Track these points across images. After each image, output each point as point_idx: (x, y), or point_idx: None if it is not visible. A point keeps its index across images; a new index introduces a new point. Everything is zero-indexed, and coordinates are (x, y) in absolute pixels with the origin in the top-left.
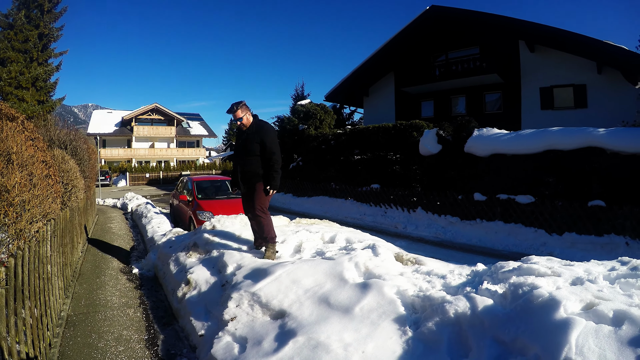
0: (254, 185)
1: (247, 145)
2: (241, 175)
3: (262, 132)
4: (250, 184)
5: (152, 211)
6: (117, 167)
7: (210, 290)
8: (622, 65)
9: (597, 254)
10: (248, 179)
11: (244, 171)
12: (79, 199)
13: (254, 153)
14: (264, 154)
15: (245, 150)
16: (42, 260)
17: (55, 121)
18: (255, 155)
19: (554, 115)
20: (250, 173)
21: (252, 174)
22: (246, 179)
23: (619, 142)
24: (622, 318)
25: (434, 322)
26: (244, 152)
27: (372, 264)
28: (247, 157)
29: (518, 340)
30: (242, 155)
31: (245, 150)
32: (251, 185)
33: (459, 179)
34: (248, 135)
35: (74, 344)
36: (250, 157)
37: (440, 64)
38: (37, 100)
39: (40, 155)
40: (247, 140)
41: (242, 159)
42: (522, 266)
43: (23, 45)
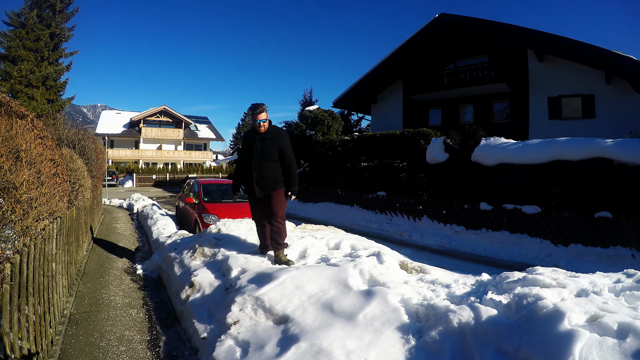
0: (274, 192)
1: (264, 150)
2: (258, 180)
3: (280, 139)
4: (268, 189)
5: (158, 213)
6: (124, 168)
7: (214, 294)
8: (631, 76)
9: (603, 266)
10: (266, 185)
11: (262, 176)
12: (85, 198)
13: (272, 159)
14: (283, 161)
15: (262, 155)
16: (47, 258)
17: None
18: (273, 162)
19: (561, 125)
20: (269, 179)
21: (271, 180)
22: (264, 184)
23: (626, 153)
24: (626, 331)
25: (437, 331)
26: (261, 157)
27: (376, 272)
28: (265, 163)
29: (522, 351)
30: (260, 160)
31: (263, 155)
32: (269, 191)
33: (466, 188)
34: (265, 141)
35: (76, 342)
36: (268, 162)
37: (449, 72)
38: (46, 99)
39: (48, 153)
40: (265, 145)
41: (260, 163)
42: (527, 277)
43: (34, 44)
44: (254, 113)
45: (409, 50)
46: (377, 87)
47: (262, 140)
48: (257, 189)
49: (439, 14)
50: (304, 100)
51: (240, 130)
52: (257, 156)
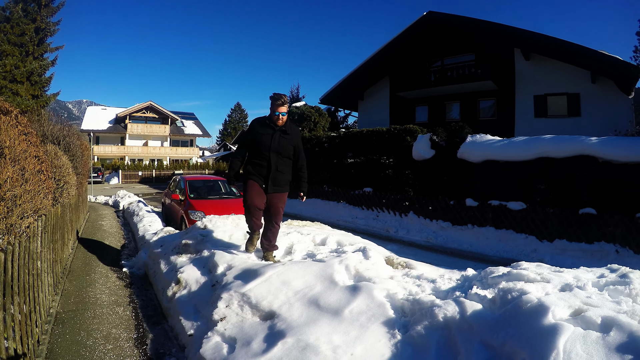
0: (281, 194)
1: (283, 144)
2: (274, 175)
3: (297, 136)
4: (279, 188)
5: (144, 209)
6: (110, 165)
7: (201, 290)
8: (616, 75)
9: (587, 261)
10: (279, 183)
11: (279, 172)
12: (70, 196)
13: (288, 156)
14: (297, 160)
15: (281, 149)
16: (32, 256)
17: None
18: (289, 158)
19: (547, 123)
20: (284, 178)
21: (285, 179)
22: (278, 181)
23: (611, 150)
24: (610, 324)
25: (423, 326)
26: (279, 151)
27: (362, 267)
28: (283, 158)
29: (506, 345)
30: (277, 153)
31: (282, 149)
32: (280, 191)
33: (451, 184)
34: (286, 135)
35: (63, 341)
36: (285, 159)
37: (436, 70)
38: (31, 94)
39: (33, 150)
40: (284, 140)
41: (278, 157)
42: (512, 272)
43: (19, 38)
44: (275, 104)
45: (396, 48)
46: (365, 84)
47: (283, 133)
48: (270, 184)
49: (426, 12)
50: (291, 97)
51: (226, 126)
52: (276, 149)
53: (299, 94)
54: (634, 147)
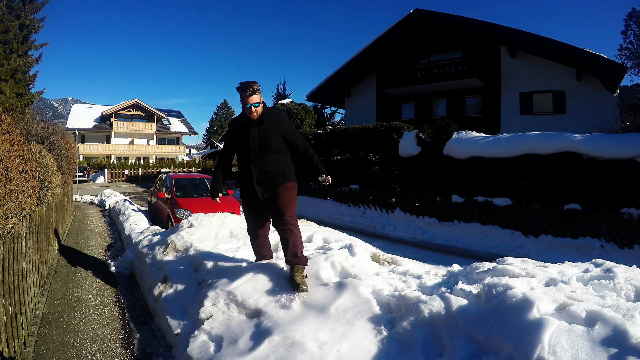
0: (280, 187)
1: (264, 139)
2: (259, 178)
3: (282, 122)
4: (272, 186)
5: (130, 208)
6: (95, 163)
7: (187, 289)
8: (601, 73)
9: (573, 256)
10: (269, 182)
11: (264, 172)
12: (55, 195)
13: (275, 149)
14: (296, 150)
15: (262, 145)
16: (17, 257)
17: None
18: (276, 152)
19: (533, 120)
20: (272, 173)
21: (274, 174)
22: (267, 181)
23: (595, 147)
24: (594, 318)
25: (408, 322)
26: (261, 149)
27: (348, 264)
28: (267, 155)
29: (492, 340)
30: (259, 152)
31: (263, 145)
32: (274, 188)
33: (438, 181)
34: (263, 126)
35: (49, 342)
36: (271, 154)
37: (422, 67)
38: (15, 92)
39: (16, 149)
40: (264, 132)
41: (259, 157)
42: (497, 267)
43: (3, 35)
44: (244, 95)
45: (383, 45)
46: (351, 81)
47: (259, 126)
48: (260, 189)
49: (413, 10)
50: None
51: (213, 124)
52: (256, 147)
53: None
54: (619, 144)
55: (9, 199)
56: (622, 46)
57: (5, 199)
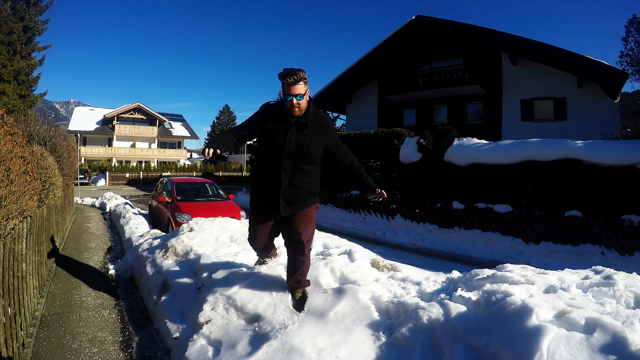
0: (305, 209)
1: (303, 145)
2: (287, 191)
3: (327, 131)
4: (297, 205)
5: (131, 212)
6: (97, 166)
7: (186, 293)
8: (602, 80)
9: (573, 263)
10: (297, 199)
11: (294, 186)
12: (56, 197)
13: (313, 160)
14: (340, 162)
15: (300, 153)
16: (17, 258)
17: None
18: (314, 165)
19: (534, 127)
20: (304, 191)
21: (305, 192)
22: (295, 198)
23: (596, 154)
24: (593, 326)
25: (407, 328)
26: (297, 157)
27: (347, 270)
28: (303, 166)
29: (491, 347)
30: (294, 159)
31: (301, 153)
32: (299, 208)
33: (438, 187)
34: (306, 130)
35: (48, 344)
36: (307, 165)
37: (424, 74)
38: (18, 94)
39: (18, 150)
40: (304, 137)
41: (294, 165)
42: (496, 274)
43: (7, 37)
44: (285, 83)
45: (385, 51)
46: (353, 87)
47: (301, 128)
48: (284, 204)
49: (415, 16)
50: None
51: (215, 128)
52: (291, 154)
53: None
54: (619, 151)
55: (10, 200)
56: (623, 53)
57: (6, 200)
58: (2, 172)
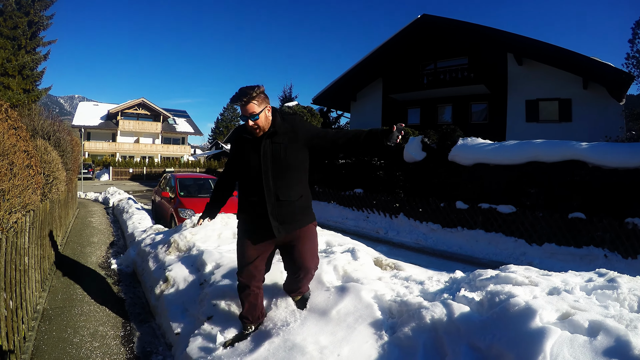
0: (304, 228)
1: (279, 155)
2: (275, 210)
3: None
4: (294, 224)
5: (134, 207)
6: (100, 161)
7: (188, 289)
8: (608, 82)
9: (576, 265)
10: (290, 216)
11: (282, 202)
12: (59, 192)
13: (297, 168)
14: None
15: (278, 164)
16: (20, 252)
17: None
18: (299, 172)
19: (538, 128)
20: (295, 205)
21: (296, 207)
22: (286, 215)
23: (601, 156)
24: (597, 328)
25: (410, 328)
26: (278, 169)
27: (350, 268)
28: (287, 175)
29: (493, 348)
30: (274, 173)
31: (280, 164)
32: (296, 227)
33: (442, 187)
34: (277, 138)
35: (49, 338)
36: (293, 173)
37: (429, 73)
38: (22, 88)
39: (22, 144)
40: (279, 147)
41: (276, 179)
42: (500, 275)
43: (12, 32)
44: (240, 105)
45: (390, 50)
46: (357, 85)
47: (272, 138)
48: (276, 224)
49: (420, 15)
50: (284, 96)
51: (219, 124)
52: (269, 166)
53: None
54: (624, 153)
55: (13, 193)
56: (630, 55)
57: (9, 193)
58: (5, 165)
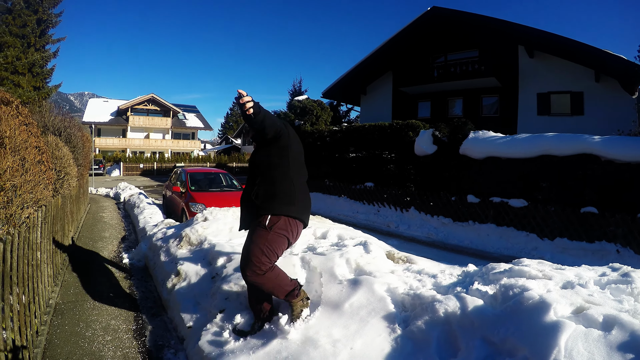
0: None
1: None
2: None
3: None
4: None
5: (145, 202)
6: (111, 157)
7: (200, 282)
8: (620, 75)
9: (588, 260)
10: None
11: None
12: (71, 187)
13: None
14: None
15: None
16: (32, 247)
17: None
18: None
19: (550, 121)
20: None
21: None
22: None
23: (614, 150)
24: (612, 323)
25: (423, 321)
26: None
27: (363, 261)
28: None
29: (507, 341)
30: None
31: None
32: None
33: (453, 180)
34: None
35: (62, 332)
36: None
37: (439, 65)
38: (33, 86)
39: (33, 140)
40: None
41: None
42: (513, 268)
43: (21, 30)
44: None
45: (400, 43)
46: (367, 79)
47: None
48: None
49: (431, 7)
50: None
51: (228, 119)
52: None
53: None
54: (637, 147)
55: (25, 189)
56: None
57: (21, 189)
58: (17, 161)
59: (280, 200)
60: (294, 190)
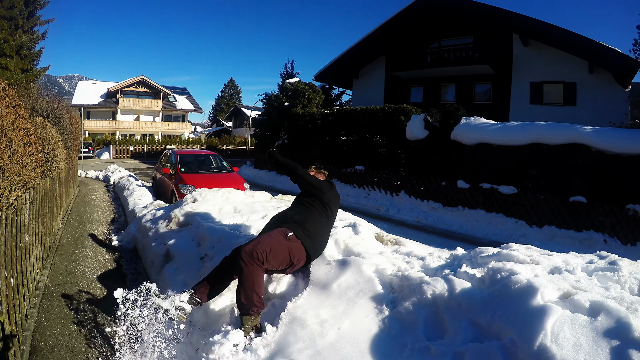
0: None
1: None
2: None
3: None
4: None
5: (135, 184)
6: (101, 140)
7: (189, 263)
8: (614, 67)
9: (576, 249)
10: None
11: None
12: (60, 169)
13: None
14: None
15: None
16: (20, 229)
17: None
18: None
19: (542, 110)
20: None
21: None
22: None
23: (605, 141)
24: (598, 309)
25: (411, 302)
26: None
27: (352, 242)
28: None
29: (494, 324)
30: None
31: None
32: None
33: (444, 166)
34: None
35: (51, 314)
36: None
37: (433, 51)
38: (20, 68)
39: (21, 122)
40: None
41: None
42: (502, 252)
43: (8, 12)
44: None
45: (393, 27)
46: (360, 62)
47: None
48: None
49: None
50: (285, 73)
51: (219, 102)
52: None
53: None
54: (628, 139)
55: (12, 171)
56: (637, 41)
57: (8, 171)
58: (4, 143)
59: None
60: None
